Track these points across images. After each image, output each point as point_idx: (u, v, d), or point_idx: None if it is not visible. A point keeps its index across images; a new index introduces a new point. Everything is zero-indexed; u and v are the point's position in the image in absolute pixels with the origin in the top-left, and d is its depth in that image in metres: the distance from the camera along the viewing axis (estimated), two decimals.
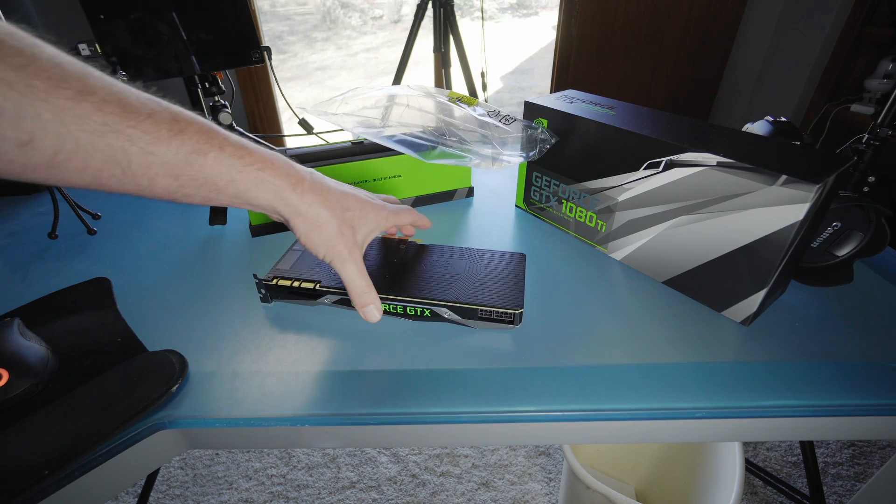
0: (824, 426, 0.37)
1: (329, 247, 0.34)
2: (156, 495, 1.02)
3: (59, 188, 0.58)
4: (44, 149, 0.23)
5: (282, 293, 0.44)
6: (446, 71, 1.59)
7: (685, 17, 2.02)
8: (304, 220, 0.33)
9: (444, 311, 0.41)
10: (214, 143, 0.28)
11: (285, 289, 0.43)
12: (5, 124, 0.21)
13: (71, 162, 0.24)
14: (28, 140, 0.22)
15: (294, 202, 0.32)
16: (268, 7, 4.76)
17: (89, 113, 0.23)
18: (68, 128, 0.23)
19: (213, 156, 0.28)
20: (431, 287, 0.42)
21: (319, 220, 0.33)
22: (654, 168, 0.43)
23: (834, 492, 1.00)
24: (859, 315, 0.43)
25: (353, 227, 0.36)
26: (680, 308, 0.45)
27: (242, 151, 0.30)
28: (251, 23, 0.70)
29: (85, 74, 0.24)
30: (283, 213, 0.33)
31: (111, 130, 0.24)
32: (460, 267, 0.45)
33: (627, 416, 0.35)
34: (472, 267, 0.45)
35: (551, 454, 1.09)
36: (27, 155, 0.23)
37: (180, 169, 0.27)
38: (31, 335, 0.37)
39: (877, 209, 0.43)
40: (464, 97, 0.53)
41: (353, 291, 0.37)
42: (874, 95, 1.59)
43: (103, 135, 0.24)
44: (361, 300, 0.37)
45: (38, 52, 0.22)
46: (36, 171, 0.24)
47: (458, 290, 0.42)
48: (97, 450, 0.32)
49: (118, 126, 0.24)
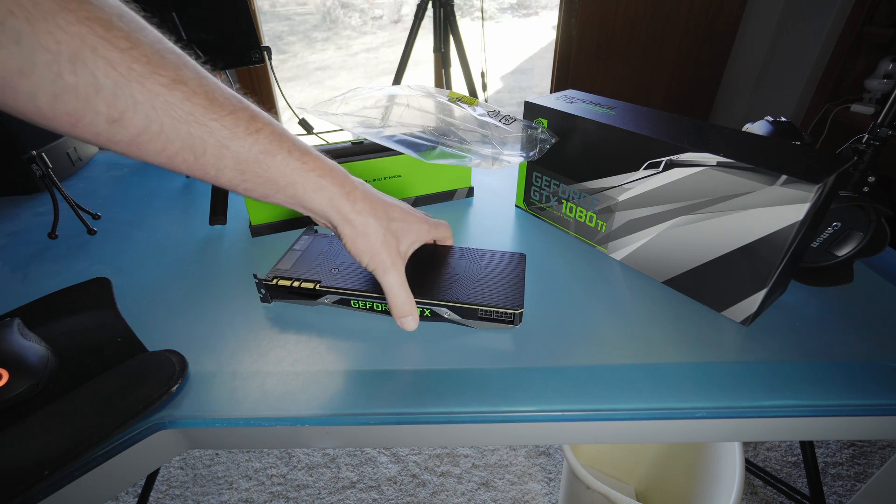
0: (824, 426, 0.37)
1: (373, 255, 0.35)
2: (156, 495, 1.02)
3: (59, 188, 0.58)
4: (131, 127, 0.24)
5: (282, 293, 0.44)
6: (446, 71, 1.60)
7: (685, 17, 2.02)
8: (353, 227, 0.34)
9: (444, 311, 0.41)
10: (284, 146, 0.30)
11: (285, 289, 0.43)
12: (101, 100, 0.23)
13: (152, 143, 0.25)
14: (118, 118, 0.24)
15: (345, 210, 0.33)
16: (268, 7, 4.76)
17: (179, 101, 0.25)
18: (157, 112, 0.25)
19: (281, 158, 0.30)
20: (431, 287, 0.42)
21: (367, 229, 0.34)
22: (654, 168, 0.43)
23: (834, 492, 1.00)
24: (859, 315, 0.43)
25: (397, 238, 0.37)
26: (680, 308, 0.45)
27: (307, 157, 0.31)
28: (251, 23, 0.70)
29: (180, 64, 0.25)
30: (332, 219, 0.34)
31: (195, 120, 0.26)
32: (460, 267, 0.45)
33: (627, 416, 0.35)
34: (472, 267, 0.45)
35: (551, 454, 1.09)
36: (114, 130, 0.24)
37: (248, 165, 0.29)
38: (31, 335, 0.37)
39: (877, 209, 0.43)
40: (464, 97, 0.53)
41: (394, 302, 0.38)
42: (874, 95, 1.59)
43: (187, 123, 0.25)
44: (401, 311, 0.38)
45: (142, 36, 0.24)
46: (118, 146, 0.25)
47: (458, 290, 0.42)
48: (97, 450, 0.32)
49: (202, 118, 0.26)
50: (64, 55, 0.21)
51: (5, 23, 0.20)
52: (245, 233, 0.57)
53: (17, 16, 0.20)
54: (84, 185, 0.72)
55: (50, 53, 0.21)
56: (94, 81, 0.22)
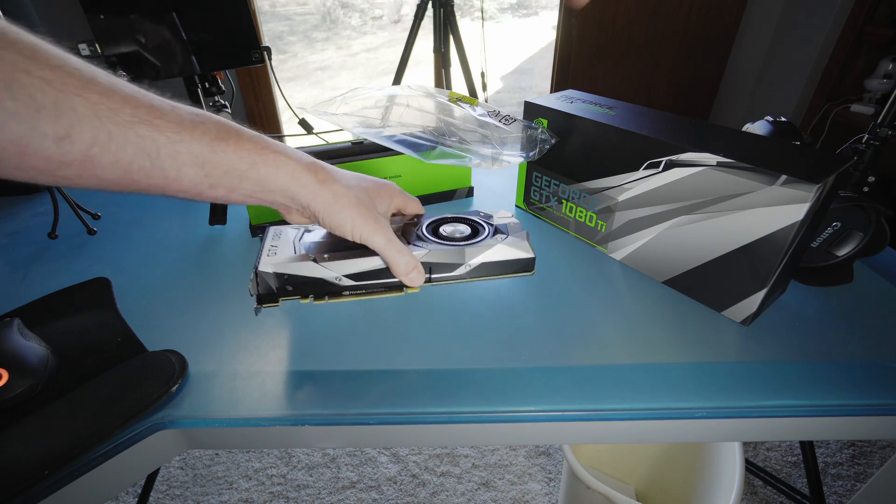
0: (824, 426, 0.37)
1: (354, 222, 0.34)
2: (156, 495, 1.02)
3: (60, 188, 0.58)
4: (80, 142, 0.24)
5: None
6: (446, 71, 1.59)
7: (685, 17, 2.02)
8: (323, 199, 0.33)
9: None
10: (233, 131, 0.30)
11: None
12: (45, 120, 0.23)
13: (104, 155, 0.25)
14: (66, 134, 0.24)
15: (310, 183, 0.32)
16: (268, 7, 4.76)
17: (120, 106, 0.25)
18: (102, 121, 0.24)
19: (234, 141, 0.30)
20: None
21: (337, 195, 0.33)
22: (654, 168, 0.43)
23: (834, 492, 1.00)
24: (859, 315, 0.43)
25: (372, 200, 0.36)
26: (680, 308, 0.45)
27: (259, 139, 0.31)
28: (251, 23, 0.70)
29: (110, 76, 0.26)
30: (300, 195, 0.33)
31: (140, 121, 0.26)
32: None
33: (627, 416, 0.35)
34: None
35: (551, 454, 1.09)
36: (64, 149, 0.24)
37: (205, 157, 0.28)
38: (31, 335, 0.37)
39: (877, 209, 0.43)
40: (464, 97, 0.53)
41: (392, 261, 0.36)
42: (874, 95, 1.59)
43: (133, 125, 0.26)
44: (403, 268, 0.36)
45: (68, 58, 0.24)
46: (70, 167, 0.25)
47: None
48: (97, 450, 0.32)
49: (146, 117, 0.26)
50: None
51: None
52: (245, 233, 0.57)
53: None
54: None
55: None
56: (34, 102, 0.22)
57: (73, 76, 0.24)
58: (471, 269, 0.40)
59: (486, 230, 0.42)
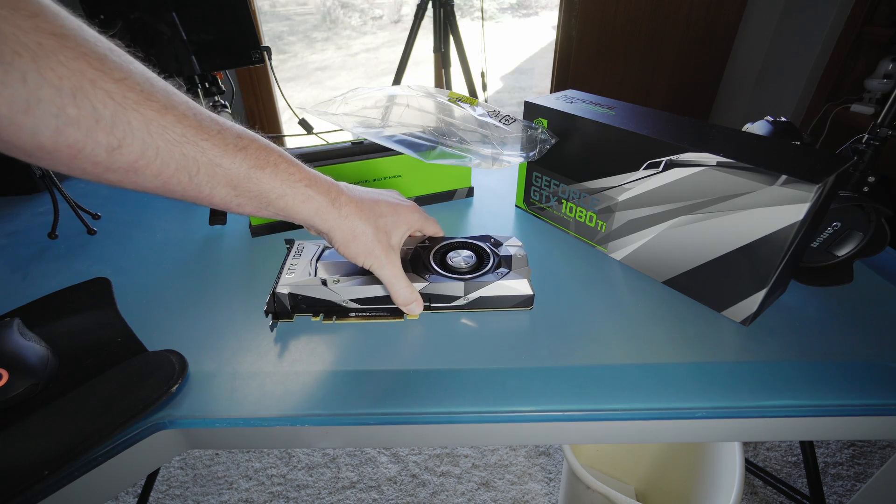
0: (824, 426, 0.37)
1: (367, 254, 0.37)
2: (156, 495, 1.02)
3: (59, 188, 0.58)
4: (129, 154, 0.25)
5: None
6: (446, 71, 1.59)
7: (685, 17, 2.02)
8: (342, 233, 0.35)
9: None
10: (271, 159, 0.31)
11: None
12: (101, 130, 0.24)
13: (149, 168, 0.27)
14: (118, 146, 0.25)
15: (331, 217, 0.35)
16: (268, 7, 4.76)
17: (171, 124, 0.26)
18: (153, 136, 0.26)
19: (270, 171, 0.31)
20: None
21: (356, 231, 0.36)
22: (654, 168, 0.43)
23: (834, 492, 1.00)
24: (859, 315, 0.43)
25: (387, 233, 0.38)
26: (680, 308, 0.45)
27: (293, 168, 0.33)
28: (251, 23, 0.70)
29: (168, 91, 0.27)
30: (321, 227, 0.35)
31: (187, 141, 0.27)
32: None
33: (627, 416, 0.35)
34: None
35: (551, 454, 1.09)
36: (113, 157, 0.25)
37: (240, 181, 0.30)
38: (31, 335, 0.37)
39: (877, 209, 0.43)
40: (464, 97, 0.53)
41: (395, 293, 0.39)
42: (874, 95, 1.59)
43: (180, 144, 0.27)
44: (404, 300, 0.40)
45: (133, 68, 0.26)
46: (115, 173, 0.26)
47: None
48: (97, 450, 0.32)
49: (194, 138, 0.27)
50: (66, 89, 0.22)
51: (13, 63, 0.21)
52: (245, 233, 0.57)
53: (23, 56, 0.21)
54: (84, 185, 0.71)
55: (53, 88, 0.22)
56: (94, 112, 0.24)
57: (133, 90, 0.25)
58: (469, 302, 0.43)
59: (490, 261, 0.45)
